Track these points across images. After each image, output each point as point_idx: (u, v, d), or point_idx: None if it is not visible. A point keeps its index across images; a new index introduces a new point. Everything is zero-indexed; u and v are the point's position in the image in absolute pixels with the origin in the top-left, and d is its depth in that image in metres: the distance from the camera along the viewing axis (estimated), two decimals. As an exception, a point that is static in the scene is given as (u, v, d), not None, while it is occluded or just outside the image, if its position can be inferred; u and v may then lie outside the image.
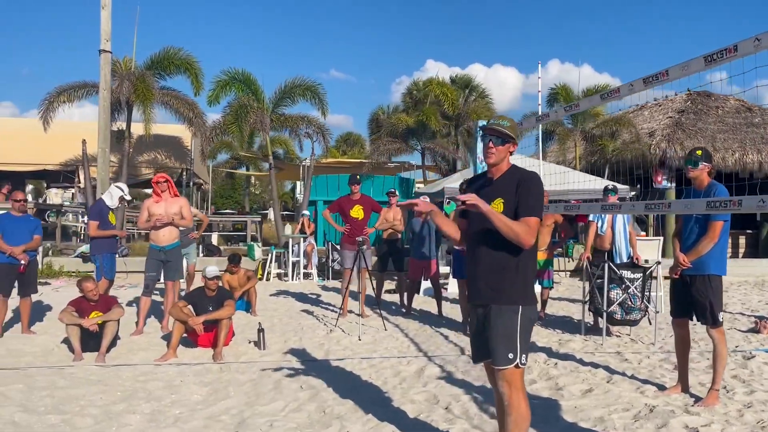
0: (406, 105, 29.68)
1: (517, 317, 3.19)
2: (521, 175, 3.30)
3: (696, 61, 3.93)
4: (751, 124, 17.75)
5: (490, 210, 3.14)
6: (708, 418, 4.33)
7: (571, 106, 5.79)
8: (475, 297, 3.34)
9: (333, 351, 6.70)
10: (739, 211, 3.63)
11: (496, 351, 3.18)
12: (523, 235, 3.16)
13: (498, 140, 3.32)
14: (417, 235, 9.09)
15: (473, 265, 3.34)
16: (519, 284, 3.22)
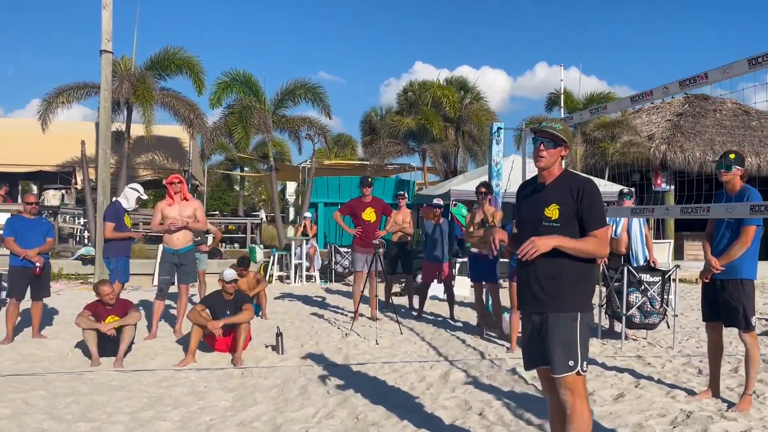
0: (401, 106, 29.69)
1: (576, 324, 3.16)
2: (578, 182, 3.25)
3: (739, 64, 3.94)
4: (748, 127, 17.88)
5: (560, 243, 3.12)
6: (746, 424, 4.33)
7: (598, 109, 5.77)
8: (530, 304, 3.28)
9: (353, 355, 6.64)
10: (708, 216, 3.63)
11: (556, 359, 3.14)
12: (598, 251, 3.20)
13: (550, 143, 3.27)
14: (430, 237, 9.05)
15: (527, 273, 3.28)
16: (577, 291, 3.18)
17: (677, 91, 4.54)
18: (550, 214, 3.19)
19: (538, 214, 3.24)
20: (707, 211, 4.36)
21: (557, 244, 3.11)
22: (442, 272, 9.04)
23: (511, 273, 6.79)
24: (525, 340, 3.39)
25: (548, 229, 3.18)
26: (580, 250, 3.14)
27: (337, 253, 15.02)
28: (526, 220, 3.33)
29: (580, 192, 3.17)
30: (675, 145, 16.63)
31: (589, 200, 3.17)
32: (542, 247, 3.09)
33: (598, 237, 3.16)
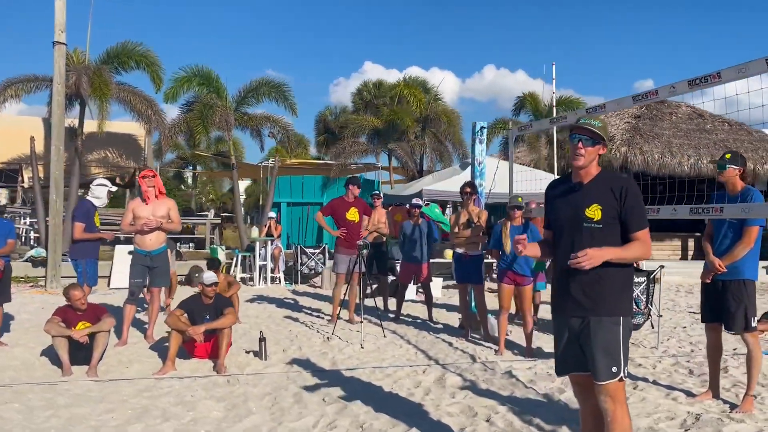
0: (356, 106, 29.62)
1: (619, 329, 3.05)
2: (618, 181, 3.15)
3: (757, 63, 3.90)
4: (703, 130, 18.36)
5: (614, 256, 3.03)
6: (756, 426, 4.32)
7: (596, 108, 5.71)
8: (569, 309, 3.16)
9: (340, 360, 6.44)
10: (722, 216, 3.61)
11: (599, 365, 3.02)
12: (643, 255, 3.13)
13: (589, 141, 3.15)
14: (408, 238, 8.91)
15: (566, 277, 3.16)
16: (619, 294, 3.08)
17: (686, 90, 4.51)
18: (592, 215, 3.08)
19: (579, 214, 3.12)
20: (721, 211, 4.33)
21: (612, 257, 3.03)
22: (420, 273, 8.91)
23: (500, 274, 6.71)
24: (561, 346, 3.26)
25: (590, 230, 3.08)
26: (631, 257, 3.10)
27: (303, 254, 14.74)
28: (564, 221, 3.20)
29: (623, 192, 3.07)
30: (635, 147, 16.93)
31: (633, 201, 3.07)
32: (598, 260, 2.99)
33: (641, 239, 3.08)
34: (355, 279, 8.14)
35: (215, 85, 16.00)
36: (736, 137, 18.23)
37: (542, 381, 5.56)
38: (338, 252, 8.39)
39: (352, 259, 8.12)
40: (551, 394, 5.15)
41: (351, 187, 8.45)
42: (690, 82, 4.45)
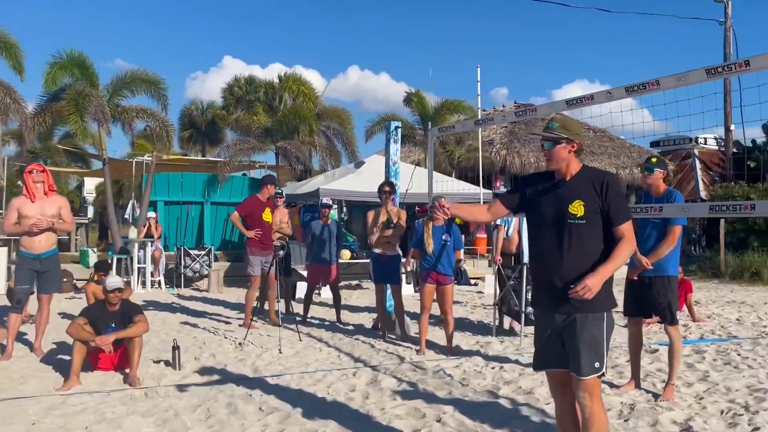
0: (227, 102, 28.73)
1: (603, 325, 3.10)
2: (599, 175, 3.19)
3: (696, 73, 4.15)
4: (574, 136, 19.62)
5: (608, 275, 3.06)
6: (685, 413, 4.60)
7: (526, 111, 5.86)
8: (554, 305, 3.17)
9: (262, 366, 6.14)
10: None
11: (582, 361, 3.05)
12: (630, 250, 3.19)
13: (549, 144, 3.21)
14: (317, 238, 8.70)
15: (547, 273, 3.18)
16: (604, 291, 3.10)
17: (623, 96, 4.73)
18: (575, 211, 3.11)
19: (562, 211, 3.13)
20: (660, 211, 4.56)
21: (608, 275, 3.07)
22: (329, 275, 8.74)
23: (423, 274, 6.71)
24: (541, 341, 3.28)
25: (574, 226, 3.11)
26: (622, 261, 3.13)
27: (187, 257, 14.03)
28: (546, 217, 3.20)
29: (604, 185, 3.11)
30: (513, 150, 17.79)
31: (614, 194, 3.11)
32: (597, 287, 3.01)
33: (625, 233, 3.11)
34: (272, 281, 7.81)
35: (89, 73, 14.79)
36: (601, 143, 19.68)
37: (474, 379, 5.61)
38: (252, 254, 8.03)
39: (267, 261, 7.80)
40: (489, 392, 5.20)
41: (267, 187, 8.13)
42: (627, 88, 4.67)
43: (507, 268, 7.49)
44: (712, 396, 5.09)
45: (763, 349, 7.00)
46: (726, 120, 17.49)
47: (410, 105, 18.47)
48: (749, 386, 5.39)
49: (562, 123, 3.26)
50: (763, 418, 4.47)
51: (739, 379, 5.62)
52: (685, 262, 18.69)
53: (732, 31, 17.38)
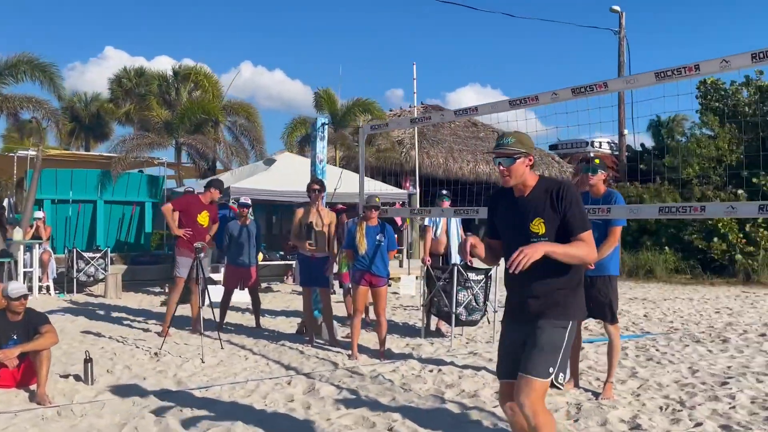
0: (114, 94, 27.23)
1: (565, 333, 3.04)
2: (555, 186, 3.10)
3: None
4: (477, 138, 20.06)
5: (550, 250, 2.93)
6: (631, 411, 4.66)
7: (467, 111, 5.76)
8: (523, 316, 3.10)
9: (186, 378, 5.69)
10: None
11: (537, 362, 2.96)
12: (587, 255, 3.05)
13: (508, 160, 3.10)
14: (235, 239, 8.26)
15: (519, 286, 3.11)
16: (572, 299, 3.08)
17: (569, 97, 4.73)
18: (536, 230, 3.05)
19: (524, 230, 3.07)
20: (607, 212, 4.60)
21: (547, 250, 2.92)
22: (249, 278, 8.32)
23: (356, 276, 6.49)
24: (510, 351, 3.18)
25: (538, 238, 3.04)
26: (571, 256, 2.99)
27: (80, 259, 13.02)
28: (510, 235, 3.15)
29: (559, 196, 3.03)
30: (422, 151, 17.89)
31: (569, 202, 3.03)
32: (533, 255, 2.87)
33: (585, 240, 3.03)
34: (197, 284, 7.33)
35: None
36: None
37: (415, 383, 5.46)
38: (181, 254, 7.50)
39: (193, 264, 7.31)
40: (434, 397, 5.06)
41: (212, 191, 7.66)
42: (574, 89, 4.67)
43: (436, 269, 7.40)
44: (647, 392, 5.20)
45: (677, 344, 7.32)
46: (620, 126, 18.46)
47: (320, 103, 18.16)
48: (677, 381, 5.57)
49: (517, 138, 3.18)
50: (701, 413, 4.60)
51: (665, 375, 5.80)
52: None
53: (626, 40, 18.37)
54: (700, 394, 5.12)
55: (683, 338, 7.73)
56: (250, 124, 17.90)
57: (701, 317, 9.57)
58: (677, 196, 16.14)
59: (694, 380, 5.60)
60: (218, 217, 8.20)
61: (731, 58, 3.79)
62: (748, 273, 14.68)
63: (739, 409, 4.72)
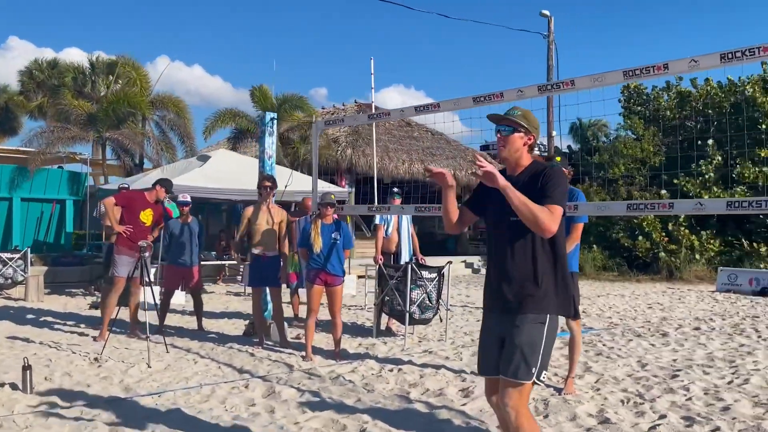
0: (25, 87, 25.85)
1: (542, 327, 2.94)
2: (542, 167, 3.05)
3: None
4: (412, 137, 20.13)
5: (507, 185, 2.81)
6: (596, 405, 4.72)
7: (428, 107, 5.69)
8: (501, 307, 3.01)
9: (134, 384, 5.36)
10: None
11: (519, 362, 2.88)
12: (545, 220, 2.82)
13: (508, 129, 3.06)
14: (176, 239, 7.91)
15: (499, 275, 3.02)
16: (553, 294, 2.98)
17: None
18: None
19: (506, 209, 2.91)
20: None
21: (505, 185, 2.81)
22: (191, 278, 7.99)
23: (311, 275, 6.32)
24: (483, 346, 3.12)
25: (515, 225, 2.94)
26: (527, 208, 2.80)
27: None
28: (495, 215, 3.05)
29: (544, 173, 2.97)
30: (358, 150, 17.78)
31: (549, 178, 2.94)
32: (492, 173, 2.78)
33: (551, 211, 2.87)
34: (137, 285, 6.94)
35: None
36: (438, 145, 20.41)
37: (377, 383, 5.35)
38: (119, 253, 7.08)
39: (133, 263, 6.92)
40: (400, 397, 4.96)
41: (158, 189, 7.26)
42: (540, 87, 4.69)
43: (389, 268, 7.32)
44: (606, 386, 5.30)
45: (621, 339, 7.53)
46: (548, 128, 18.97)
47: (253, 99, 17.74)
48: (630, 375, 5.71)
49: (523, 113, 3.13)
50: (661, 405, 4.71)
51: (617, 369, 5.94)
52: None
53: (554, 44, 18.89)
54: (655, 387, 5.26)
55: (625, 333, 7.97)
56: (180, 119, 17.26)
57: (636, 312, 9.92)
58: (605, 195, 16.72)
59: (645, 373, 5.75)
60: (162, 218, 7.82)
61: (700, 58, 3.88)
62: (671, 270, 15.39)
63: (696, 400, 4.87)
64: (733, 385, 5.32)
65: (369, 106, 21.89)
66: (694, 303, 11.18)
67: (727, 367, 6.02)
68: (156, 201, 7.35)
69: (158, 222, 7.52)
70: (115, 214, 7.17)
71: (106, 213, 7.30)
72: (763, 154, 15.77)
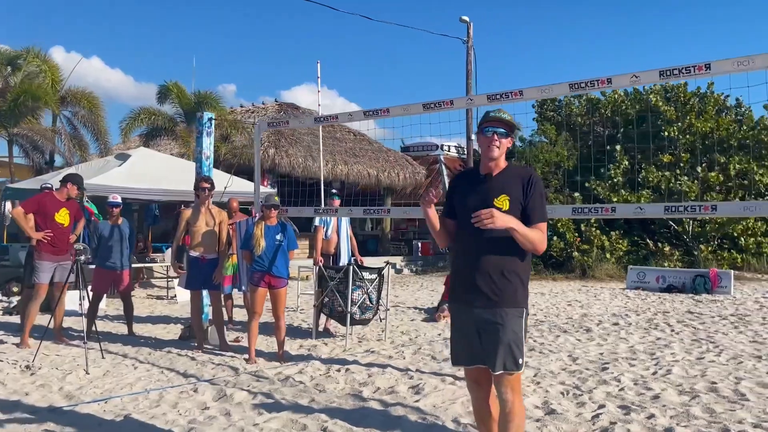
0: None
1: (521, 321, 3.14)
2: (526, 173, 3.23)
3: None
4: (335, 138, 20.12)
5: (518, 227, 3.01)
6: (539, 397, 4.98)
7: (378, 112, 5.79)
8: (476, 300, 3.13)
9: (74, 393, 5.16)
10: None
11: (507, 356, 3.06)
12: (539, 244, 3.10)
13: (503, 133, 3.21)
14: (105, 240, 7.64)
15: (472, 269, 3.15)
16: (523, 288, 3.18)
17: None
18: (500, 205, 3.10)
19: (487, 204, 3.08)
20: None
21: (516, 226, 3.00)
22: (120, 281, 7.74)
23: (255, 277, 6.29)
24: (458, 337, 3.26)
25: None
26: (529, 239, 3.05)
27: None
28: (472, 210, 3.09)
29: (530, 183, 3.15)
30: (281, 149, 17.62)
31: (538, 192, 3.17)
32: (500, 222, 2.94)
33: (542, 231, 3.13)
34: (63, 291, 6.64)
35: None
36: (361, 146, 20.52)
37: (328, 384, 5.41)
38: (41, 258, 6.74)
39: (59, 267, 6.62)
40: (353, 396, 5.05)
41: (68, 186, 6.91)
42: (489, 96, 4.90)
43: (330, 269, 7.38)
44: (545, 379, 5.59)
45: (549, 335, 7.93)
46: (467, 130, 19.46)
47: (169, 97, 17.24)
48: (564, 369, 6.04)
49: (511, 118, 3.28)
50: (598, 395, 5.04)
51: (551, 363, 6.27)
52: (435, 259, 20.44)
53: (473, 49, 19.41)
54: (590, 379, 5.60)
55: (552, 329, 8.39)
56: (92, 115, 16.51)
57: (558, 309, 10.43)
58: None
59: (578, 367, 6.10)
60: (82, 213, 7.50)
61: (641, 73, 4.20)
62: (584, 268, 16.21)
63: (628, 390, 5.23)
64: (657, 376, 5.74)
65: (291, 106, 21.86)
66: (609, 300, 11.85)
67: (649, 359, 6.47)
68: (67, 198, 7.04)
69: (77, 219, 7.19)
70: (28, 222, 6.84)
71: (19, 224, 6.94)
72: (665, 160, 16.91)
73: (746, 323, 8.88)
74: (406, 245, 21.25)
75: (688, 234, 16.66)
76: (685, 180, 16.45)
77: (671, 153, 17.08)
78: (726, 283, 12.53)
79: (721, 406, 4.73)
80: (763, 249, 16.54)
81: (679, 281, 13.05)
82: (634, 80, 4.23)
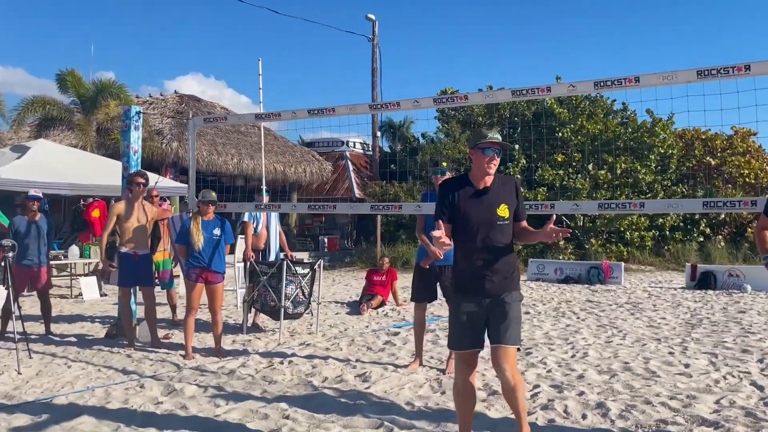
0: None
1: (520, 304, 3.67)
2: (511, 181, 3.76)
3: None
4: (239, 132, 19.85)
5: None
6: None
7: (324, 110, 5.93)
8: (486, 290, 3.56)
9: (13, 391, 4.99)
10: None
11: (513, 333, 3.53)
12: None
13: (501, 153, 3.68)
14: (22, 237, 7.28)
15: (479, 266, 3.57)
16: (518, 275, 3.72)
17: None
18: (503, 214, 3.59)
19: (492, 214, 3.56)
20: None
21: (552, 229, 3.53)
22: (38, 279, 7.41)
23: (192, 273, 6.26)
24: (467, 324, 3.61)
25: (501, 226, 3.59)
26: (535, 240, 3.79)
27: None
28: (479, 221, 3.57)
29: (517, 187, 3.73)
30: (185, 142, 17.19)
31: (521, 195, 3.76)
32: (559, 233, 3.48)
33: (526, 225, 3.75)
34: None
35: None
36: (266, 141, 20.33)
37: (275, 375, 5.52)
38: None
39: None
40: (305, 385, 5.20)
41: None
42: (435, 99, 5.19)
43: (262, 264, 7.43)
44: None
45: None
46: (374, 127, 19.90)
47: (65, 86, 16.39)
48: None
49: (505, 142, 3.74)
50: (530, 377, 5.47)
51: (479, 349, 6.68)
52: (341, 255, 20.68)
53: (378, 47, 19.83)
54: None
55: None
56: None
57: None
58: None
59: (505, 352, 6.54)
60: None
61: (578, 84, 4.65)
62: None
63: (555, 371, 5.72)
64: (577, 358, 6.28)
65: (192, 98, 21.33)
66: (513, 291, 12.55)
67: (564, 344, 7.04)
68: None
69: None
70: None
71: None
72: (559, 159, 18.06)
73: (640, 310, 9.78)
74: (312, 241, 21.36)
75: (579, 229, 17.88)
76: (578, 178, 17.66)
77: (564, 153, 18.26)
78: (617, 274, 13.65)
79: (638, 383, 5.29)
80: (646, 242, 18.08)
81: (575, 273, 14.05)
82: (571, 89, 4.67)
